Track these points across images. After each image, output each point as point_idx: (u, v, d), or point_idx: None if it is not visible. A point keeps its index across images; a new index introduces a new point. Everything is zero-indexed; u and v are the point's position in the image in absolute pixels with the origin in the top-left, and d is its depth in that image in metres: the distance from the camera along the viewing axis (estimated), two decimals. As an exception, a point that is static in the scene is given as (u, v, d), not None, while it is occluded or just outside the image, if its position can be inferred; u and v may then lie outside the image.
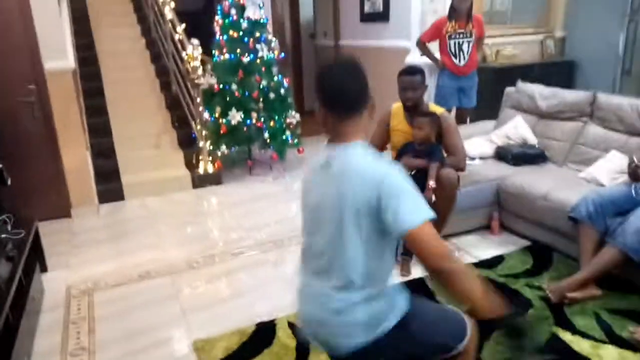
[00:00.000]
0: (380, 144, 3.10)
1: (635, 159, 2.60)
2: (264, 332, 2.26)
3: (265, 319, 2.37)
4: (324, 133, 1.43)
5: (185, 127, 5.07)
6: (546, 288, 2.44)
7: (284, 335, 2.23)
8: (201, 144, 4.67)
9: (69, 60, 3.75)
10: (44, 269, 2.96)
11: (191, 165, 4.76)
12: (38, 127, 3.64)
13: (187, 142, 4.97)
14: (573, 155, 3.33)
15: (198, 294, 2.73)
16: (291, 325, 2.28)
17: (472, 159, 3.56)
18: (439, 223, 2.89)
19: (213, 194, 4.51)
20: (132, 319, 2.49)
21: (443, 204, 2.78)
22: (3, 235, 2.43)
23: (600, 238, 2.48)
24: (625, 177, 2.70)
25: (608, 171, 2.95)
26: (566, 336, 2.15)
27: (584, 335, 2.15)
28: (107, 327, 2.43)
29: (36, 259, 2.77)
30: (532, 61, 5.48)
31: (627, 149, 2.97)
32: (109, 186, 4.32)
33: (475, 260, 2.90)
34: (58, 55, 3.64)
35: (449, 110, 4.43)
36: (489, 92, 4.76)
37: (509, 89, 4.02)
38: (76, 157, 3.87)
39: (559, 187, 2.90)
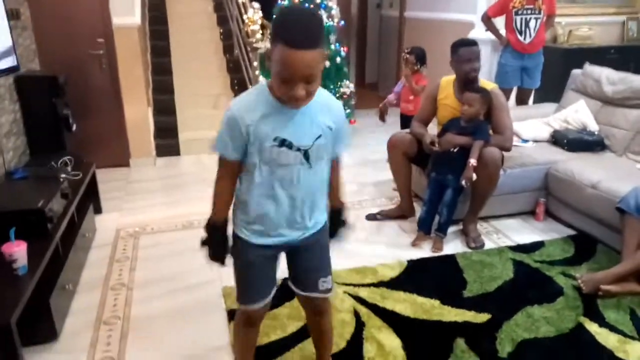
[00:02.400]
0: (426, 118, 3.06)
1: (700, 153, 2.41)
2: (288, 287, 2.34)
3: (291, 276, 2.45)
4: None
5: (244, 90, 5.19)
6: (578, 278, 2.35)
7: (306, 293, 2.31)
8: (255, 107, 4.78)
9: (136, 17, 3.93)
10: (98, 210, 3.20)
11: (246, 127, 4.89)
12: (104, 80, 3.88)
13: (243, 105, 5.10)
14: (635, 145, 3.13)
15: (234, 247, 2.86)
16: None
17: (526, 141, 3.42)
18: (477, 202, 2.86)
19: (263, 156, 4.63)
20: (170, 263, 2.65)
21: (483, 184, 2.73)
22: (62, 175, 2.65)
23: (647, 232, 2.35)
24: (686, 172, 2.52)
25: (670, 164, 2.75)
26: (592, 327, 2.07)
27: (613, 329, 2.07)
28: (147, 268, 2.61)
29: (91, 201, 3.00)
30: (609, 44, 5.11)
31: (695, 142, 2.75)
32: (167, 141, 4.55)
33: (512, 244, 2.82)
34: (125, 12, 3.83)
35: (510, 90, 4.27)
36: (556, 74, 4.51)
37: (575, 71, 3.79)
38: (138, 111, 4.09)
39: (612, 176, 2.75)
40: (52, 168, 2.84)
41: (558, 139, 3.37)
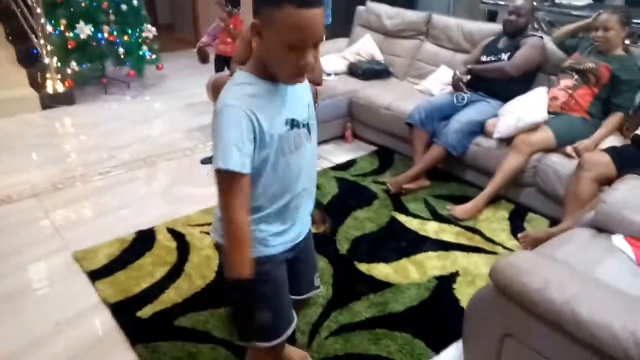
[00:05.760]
0: (245, 59, 3.22)
1: (457, 72, 3.13)
2: (144, 238, 2.43)
3: (144, 227, 2.51)
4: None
5: (24, 41, 4.58)
6: (387, 182, 2.93)
7: (164, 239, 2.42)
8: (47, 60, 4.31)
9: None
10: None
11: (37, 84, 4.39)
12: None
13: (29, 59, 4.52)
14: (412, 70, 3.83)
15: (69, 212, 2.74)
16: (170, 230, 2.47)
17: (328, 75, 3.87)
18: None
19: (66, 114, 4.28)
20: (1, 242, 2.45)
21: (303, 115, 3.08)
22: None
23: (429, 139, 3.01)
24: (450, 88, 3.23)
25: (438, 83, 3.48)
26: (401, 218, 2.67)
27: (415, 215, 2.70)
28: (-27, 251, 2.37)
29: None
30: (380, -19, 5.84)
31: (453, 64, 3.50)
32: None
33: (332, 165, 3.30)
34: None
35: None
36: (343, 10, 5.05)
37: (360, 8, 4.34)
38: None
39: (400, 98, 3.37)
40: None
41: (354, 71, 3.90)
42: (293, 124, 1.19)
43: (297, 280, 1.40)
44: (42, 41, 4.27)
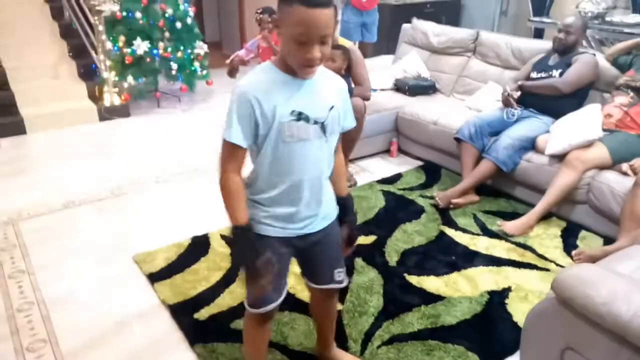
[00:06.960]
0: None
1: (507, 89, 3.12)
2: (200, 244, 2.52)
3: (199, 233, 2.61)
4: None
5: (85, 57, 4.85)
6: (435, 196, 2.94)
7: (218, 245, 2.50)
8: (105, 74, 4.54)
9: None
10: (-44, 202, 2.88)
11: (95, 97, 4.63)
12: None
13: (89, 73, 4.79)
14: (458, 86, 3.84)
15: (128, 217, 2.87)
16: (224, 237, 2.55)
17: (374, 90, 3.92)
18: (347, 147, 3.28)
19: (122, 126, 4.48)
20: (65, 243, 2.58)
21: (352, 130, 3.13)
22: None
23: (478, 155, 3.01)
24: (499, 104, 3.23)
25: (486, 99, 3.48)
26: (450, 232, 2.67)
27: (464, 230, 2.69)
28: (42, 251, 2.50)
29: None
30: (426, 0, 5.90)
31: (501, 80, 3.50)
32: (8, 120, 4.12)
33: (378, 178, 3.33)
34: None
35: (354, 45, 4.74)
36: (387, 28, 5.14)
37: (405, 26, 4.40)
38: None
39: (447, 114, 3.38)
40: None
41: (400, 86, 3.95)
42: (300, 116, 1.29)
43: (312, 270, 1.57)
44: (101, 57, 4.51)
